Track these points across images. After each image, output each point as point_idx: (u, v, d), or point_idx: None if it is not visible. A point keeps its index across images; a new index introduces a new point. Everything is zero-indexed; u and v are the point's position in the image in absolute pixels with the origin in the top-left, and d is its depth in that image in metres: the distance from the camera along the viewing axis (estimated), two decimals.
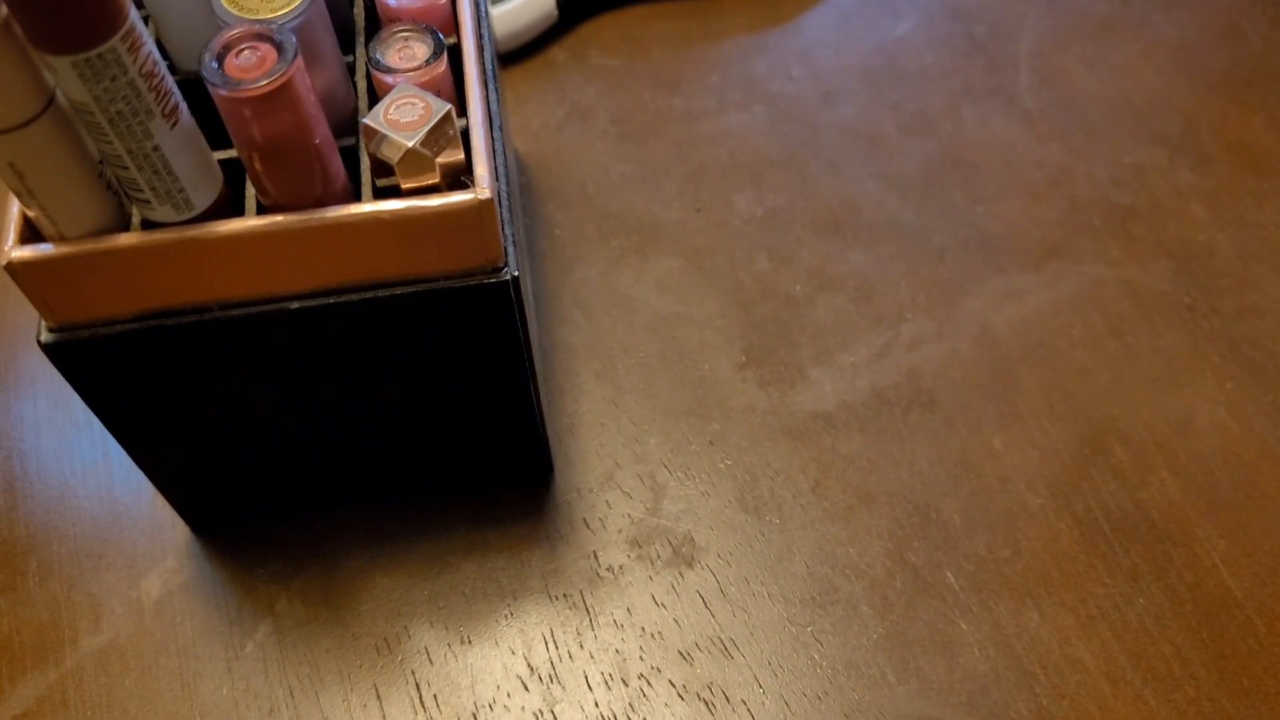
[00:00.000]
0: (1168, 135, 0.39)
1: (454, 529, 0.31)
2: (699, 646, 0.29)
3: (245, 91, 0.21)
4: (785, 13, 0.43)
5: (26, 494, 0.33)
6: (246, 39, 0.21)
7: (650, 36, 0.43)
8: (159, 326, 0.24)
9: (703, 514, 0.31)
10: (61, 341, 0.24)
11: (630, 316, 0.35)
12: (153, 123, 0.21)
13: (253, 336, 0.25)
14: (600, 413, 0.33)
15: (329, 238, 0.23)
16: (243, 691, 0.29)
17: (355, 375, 0.27)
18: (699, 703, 0.28)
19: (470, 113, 0.25)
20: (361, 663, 0.29)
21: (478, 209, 0.23)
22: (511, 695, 0.29)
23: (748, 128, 0.40)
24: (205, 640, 0.30)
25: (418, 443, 0.30)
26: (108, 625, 0.30)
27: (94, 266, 0.23)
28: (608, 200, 0.38)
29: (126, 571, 0.31)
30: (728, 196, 0.38)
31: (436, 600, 0.30)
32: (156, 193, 0.22)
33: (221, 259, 0.23)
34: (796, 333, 0.35)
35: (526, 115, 0.41)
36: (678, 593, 0.30)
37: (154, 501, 0.32)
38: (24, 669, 0.30)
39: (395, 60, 0.25)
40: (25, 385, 0.35)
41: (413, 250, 0.24)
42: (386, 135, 0.23)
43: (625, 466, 0.32)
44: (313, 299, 0.24)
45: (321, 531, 0.31)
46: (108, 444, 0.33)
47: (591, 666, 0.29)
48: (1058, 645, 0.29)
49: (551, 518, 0.31)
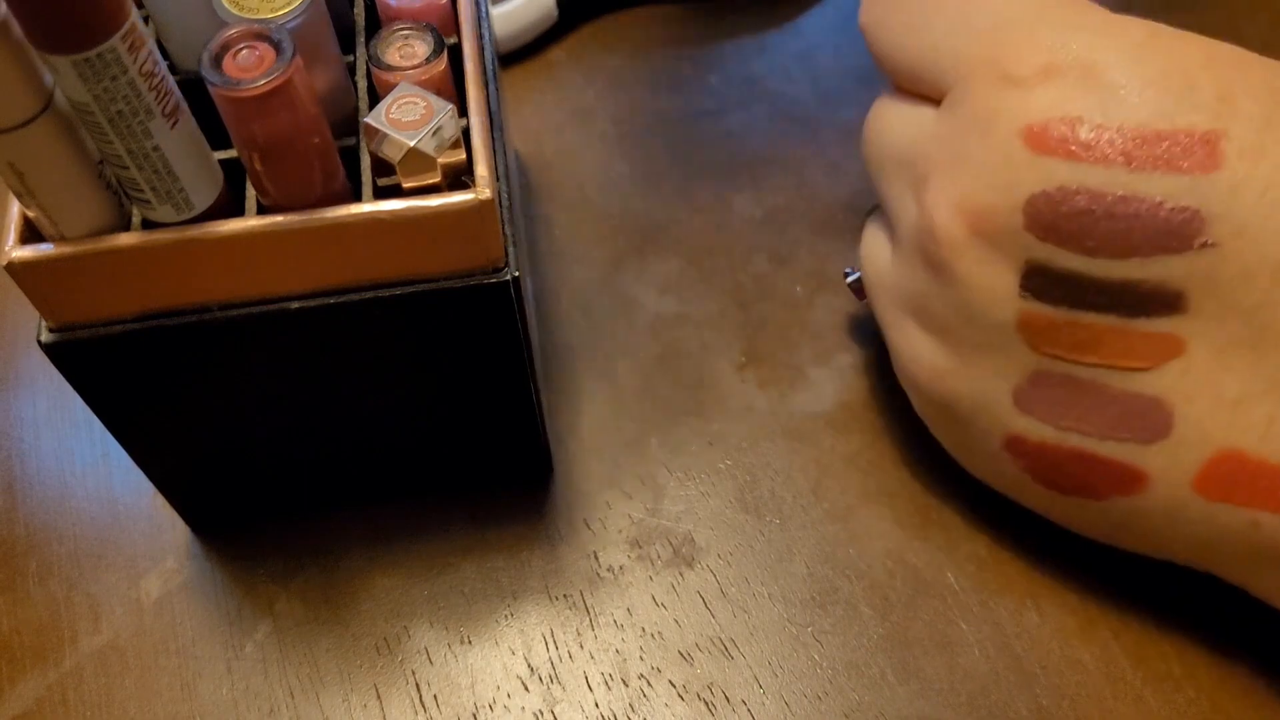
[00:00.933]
0: None
1: (454, 529, 0.31)
2: (699, 647, 0.29)
3: (244, 91, 0.21)
4: (785, 14, 0.43)
5: (26, 494, 0.33)
6: (245, 39, 0.21)
7: (650, 37, 0.43)
8: (159, 326, 0.24)
9: (703, 514, 0.31)
10: (62, 341, 0.24)
11: (630, 317, 0.35)
12: (153, 122, 0.21)
13: (253, 336, 0.25)
14: (600, 413, 0.33)
15: (329, 237, 0.23)
16: (243, 691, 0.29)
17: (355, 375, 0.27)
18: (699, 703, 0.28)
19: (471, 112, 0.25)
20: (361, 663, 0.29)
21: (478, 209, 0.23)
22: (511, 695, 0.29)
23: (748, 128, 0.40)
24: (205, 640, 0.30)
25: (418, 443, 0.30)
26: (107, 625, 0.30)
27: (94, 266, 0.23)
28: (607, 201, 0.38)
29: (126, 571, 0.31)
30: (728, 197, 0.38)
31: (437, 600, 0.30)
32: (157, 193, 0.22)
33: (222, 259, 0.23)
34: (796, 333, 0.35)
35: (526, 116, 0.41)
36: (678, 593, 0.30)
37: (154, 501, 0.32)
38: (24, 669, 0.30)
39: (395, 59, 0.25)
40: (25, 385, 0.35)
41: (413, 250, 0.24)
42: (388, 134, 0.23)
43: (625, 467, 0.32)
44: (313, 299, 0.24)
45: (321, 531, 0.31)
46: (108, 444, 0.33)
47: (592, 667, 0.29)
48: (1058, 646, 0.29)
49: (551, 518, 0.31)
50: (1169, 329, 0.23)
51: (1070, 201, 0.23)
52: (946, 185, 0.25)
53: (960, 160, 0.25)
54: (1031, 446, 0.26)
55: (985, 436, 0.27)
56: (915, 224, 0.26)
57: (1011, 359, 0.25)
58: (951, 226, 0.25)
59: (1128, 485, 0.25)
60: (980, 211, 0.24)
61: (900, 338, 0.28)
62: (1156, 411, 0.24)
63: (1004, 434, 0.26)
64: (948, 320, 0.26)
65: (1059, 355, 0.24)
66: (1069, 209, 0.23)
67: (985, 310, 0.25)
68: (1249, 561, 0.25)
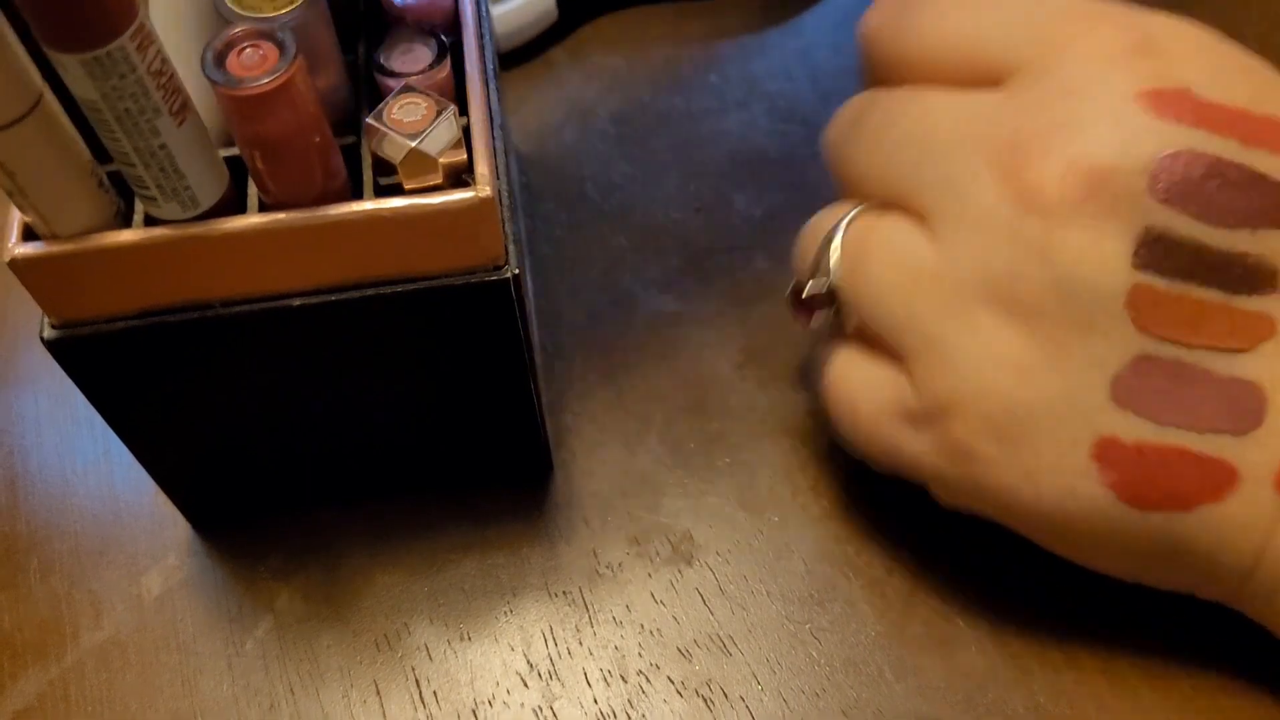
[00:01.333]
0: None
1: (454, 526, 0.31)
2: (698, 643, 0.29)
3: (248, 89, 0.21)
4: (785, 13, 0.43)
5: (28, 491, 0.33)
6: (248, 37, 0.21)
7: (650, 36, 0.43)
8: (161, 323, 0.24)
9: (702, 512, 0.31)
10: (64, 338, 0.24)
11: (630, 315, 0.35)
12: (160, 121, 0.21)
13: (254, 333, 0.25)
14: (600, 411, 0.33)
15: (330, 235, 0.23)
16: (243, 688, 0.29)
17: (357, 372, 0.27)
18: (698, 699, 0.28)
19: (471, 111, 0.25)
20: (361, 659, 0.29)
21: (479, 207, 0.23)
22: (511, 691, 0.29)
23: (748, 128, 0.40)
24: (206, 637, 0.30)
25: (419, 440, 0.30)
26: (109, 622, 0.30)
27: (96, 263, 0.23)
28: (608, 200, 0.38)
29: (127, 568, 0.31)
30: (728, 196, 0.38)
31: (436, 597, 0.30)
32: (163, 190, 0.22)
33: (223, 256, 0.23)
34: (796, 332, 0.35)
35: (526, 115, 0.41)
36: (677, 590, 0.30)
37: (155, 498, 0.32)
38: (25, 665, 0.30)
39: (398, 64, 0.25)
40: (27, 382, 0.35)
41: (414, 248, 0.24)
42: (389, 135, 0.23)
43: (625, 464, 0.32)
44: (314, 296, 0.24)
45: (322, 528, 0.31)
46: (109, 441, 0.33)
47: (591, 663, 0.29)
48: (1055, 643, 0.29)
49: (551, 515, 0.32)
50: (1263, 308, 0.23)
51: (1195, 165, 0.23)
52: (1058, 147, 0.23)
53: (1069, 124, 0.23)
54: (1128, 450, 0.24)
55: (1066, 450, 0.24)
56: (1002, 198, 0.24)
57: (1114, 342, 0.23)
58: (1066, 188, 0.23)
59: (1220, 486, 0.23)
60: (1101, 172, 0.23)
61: (966, 339, 0.24)
62: (1253, 398, 0.23)
63: (1094, 439, 0.24)
64: (1042, 301, 0.23)
65: (1166, 335, 0.23)
66: (1194, 173, 0.23)
67: (1094, 282, 0.23)
68: None
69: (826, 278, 0.27)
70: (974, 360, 0.24)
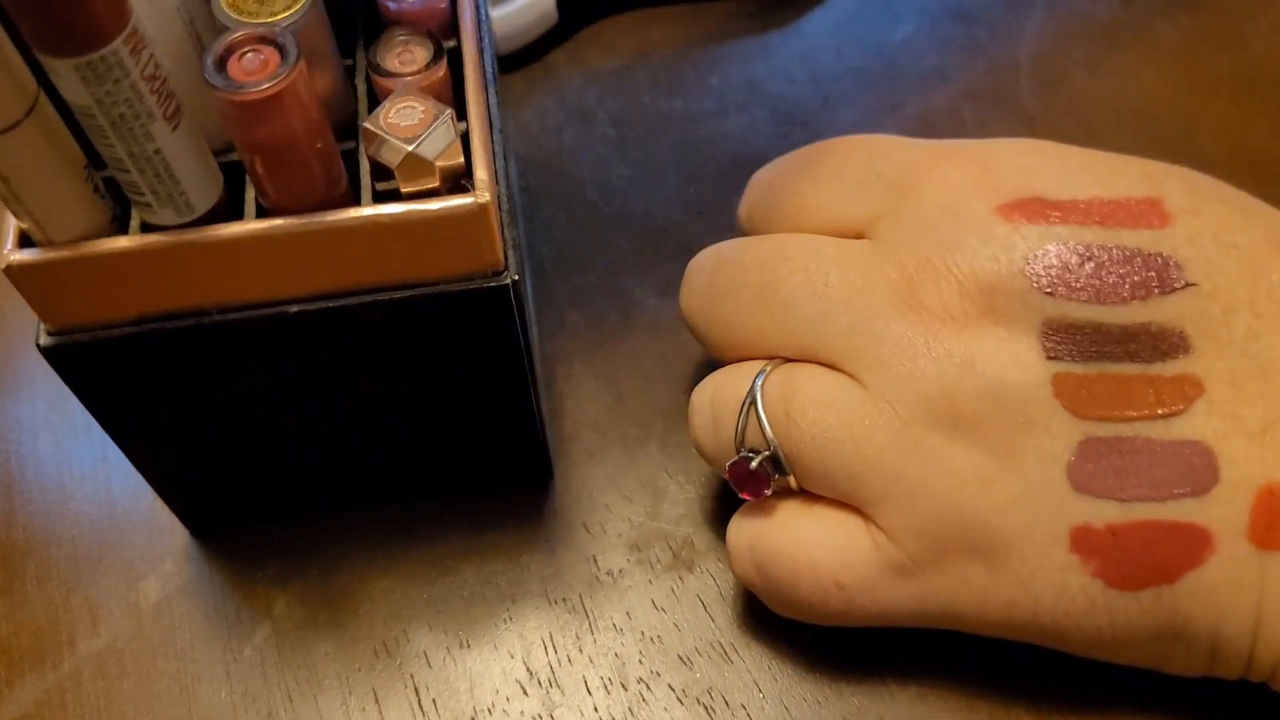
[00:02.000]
0: (1169, 139, 0.39)
1: (453, 533, 0.31)
2: (699, 651, 0.29)
3: (249, 94, 0.21)
4: (785, 15, 0.43)
5: (24, 497, 0.33)
6: (249, 42, 0.21)
7: (650, 39, 0.43)
8: (158, 330, 0.24)
9: (703, 518, 0.31)
10: (60, 345, 0.24)
11: (631, 320, 0.35)
12: (154, 125, 0.21)
13: (252, 340, 0.25)
14: (600, 416, 0.33)
15: (329, 241, 0.23)
16: (241, 695, 0.29)
17: (355, 379, 0.27)
18: (698, 707, 0.28)
19: (470, 116, 0.25)
20: (360, 666, 0.29)
21: (477, 213, 0.23)
22: (510, 699, 0.29)
23: (748, 130, 0.40)
24: (203, 644, 0.30)
25: (417, 446, 0.30)
26: (106, 629, 0.30)
27: (92, 270, 0.23)
28: (608, 203, 0.38)
29: (125, 575, 0.31)
30: (729, 199, 0.38)
31: (435, 604, 0.30)
32: (158, 195, 0.22)
33: (220, 262, 0.23)
34: None
35: (526, 118, 0.41)
36: (677, 597, 0.30)
37: (152, 505, 0.32)
38: (22, 672, 0.29)
39: (395, 64, 0.25)
40: (23, 388, 0.35)
41: (412, 254, 0.24)
42: (386, 139, 0.22)
43: (625, 470, 0.32)
44: (312, 302, 0.24)
45: (320, 535, 0.31)
46: (106, 447, 0.33)
47: (591, 671, 0.29)
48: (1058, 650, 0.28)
49: (551, 522, 0.31)
50: (1184, 369, 0.24)
51: (1068, 255, 0.24)
52: (944, 271, 0.25)
53: (946, 249, 0.25)
54: (1102, 535, 0.24)
55: (1047, 549, 0.24)
56: (914, 328, 0.25)
57: (1056, 433, 0.24)
58: (967, 304, 0.25)
59: (1197, 549, 0.24)
60: (988, 282, 0.25)
61: (926, 467, 0.25)
62: (1201, 456, 0.24)
63: (1067, 531, 0.24)
64: (980, 410, 0.24)
65: (1100, 415, 0.24)
66: (1069, 262, 0.24)
67: (1018, 380, 0.24)
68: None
69: (769, 445, 0.26)
70: (940, 482, 0.25)
